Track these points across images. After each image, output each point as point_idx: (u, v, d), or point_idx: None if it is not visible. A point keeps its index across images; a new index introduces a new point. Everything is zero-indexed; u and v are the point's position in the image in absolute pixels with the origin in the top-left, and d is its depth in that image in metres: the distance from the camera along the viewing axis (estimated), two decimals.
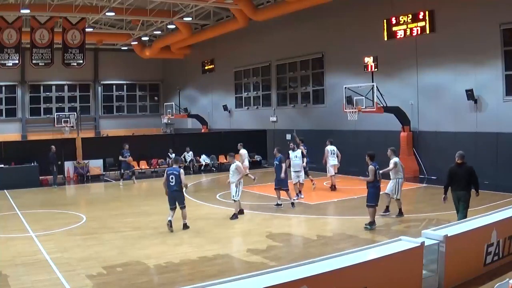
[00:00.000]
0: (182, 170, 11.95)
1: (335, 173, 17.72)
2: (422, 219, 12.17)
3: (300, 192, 15.93)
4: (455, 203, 10.48)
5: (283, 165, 14.34)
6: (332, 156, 17.55)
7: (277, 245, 10.40)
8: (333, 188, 17.56)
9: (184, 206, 11.88)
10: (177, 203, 11.78)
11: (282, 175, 14.19)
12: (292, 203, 14.30)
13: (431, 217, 12.35)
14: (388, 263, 6.63)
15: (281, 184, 14.41)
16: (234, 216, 13.13)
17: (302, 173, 15.87)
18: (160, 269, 8.90)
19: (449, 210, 13.02)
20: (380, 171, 11.66)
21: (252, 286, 5.46)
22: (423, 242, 7.03)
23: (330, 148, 17.70)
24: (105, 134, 35.71)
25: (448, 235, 7.34)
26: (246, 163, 18.23)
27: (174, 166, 12.06)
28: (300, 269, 6.00)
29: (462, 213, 10.22)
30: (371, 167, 11.31)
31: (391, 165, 12.53)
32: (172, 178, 11.65)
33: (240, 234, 11.72)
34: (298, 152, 15.81)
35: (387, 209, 12.69)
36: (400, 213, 12.57)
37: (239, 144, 18.38)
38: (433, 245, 7.27)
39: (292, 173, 15.59)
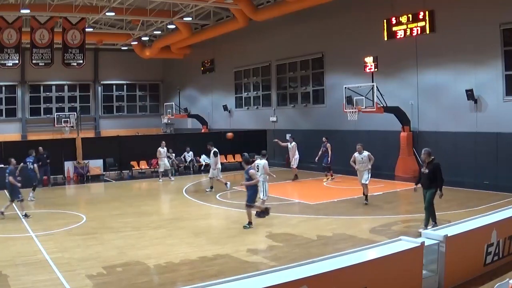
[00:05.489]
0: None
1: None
2: (422, 219, 12.14)
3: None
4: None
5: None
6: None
7: (277, 245, 10.39)
8: None
9: None
10: None
11: None
12: None
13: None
14: (388, 263, 6.63)
15: None
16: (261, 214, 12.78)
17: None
18: (160, 269, 8.90)
19: (449, 210, 13.09)
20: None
21: (252, 286, 5.47)
22: (423, 242, 7.04)
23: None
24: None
25: (448, 235, 7.34)
26: (219, 165, 18.54)
27: None
28: (300, 269, 6.00)
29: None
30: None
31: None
32: None
33: (240, 234, 11.71)
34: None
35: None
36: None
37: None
38: (433, 245, 7.27)
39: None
